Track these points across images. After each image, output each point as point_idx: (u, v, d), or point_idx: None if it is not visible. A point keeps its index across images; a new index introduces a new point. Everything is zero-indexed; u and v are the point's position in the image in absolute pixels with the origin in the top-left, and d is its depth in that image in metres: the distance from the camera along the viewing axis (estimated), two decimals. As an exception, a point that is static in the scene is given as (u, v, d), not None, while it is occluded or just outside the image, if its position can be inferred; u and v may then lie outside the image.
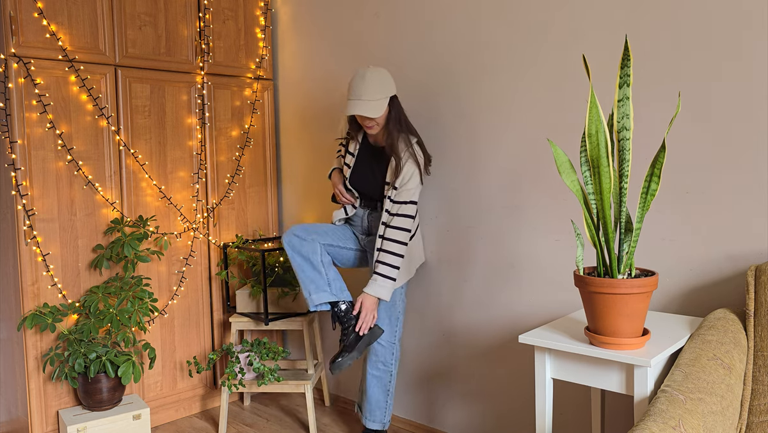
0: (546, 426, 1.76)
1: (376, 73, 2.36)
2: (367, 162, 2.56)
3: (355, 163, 2.59)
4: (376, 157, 2.54)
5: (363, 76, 2.35)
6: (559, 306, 2.30)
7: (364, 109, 2.32)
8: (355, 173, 2.59)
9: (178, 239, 2.99)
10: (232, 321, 2.97)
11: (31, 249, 2.55)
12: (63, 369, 2.55)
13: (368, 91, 2.32)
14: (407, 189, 2.40)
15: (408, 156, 2.40)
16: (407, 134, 2.44)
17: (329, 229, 2.58)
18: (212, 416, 3.09)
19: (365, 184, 2.57)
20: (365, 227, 2.63)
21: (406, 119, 2.46)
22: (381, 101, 2.34)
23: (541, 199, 2.32)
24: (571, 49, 2.20)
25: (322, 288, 2.42)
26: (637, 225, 1.60)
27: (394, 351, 2.56)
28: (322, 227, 2.56)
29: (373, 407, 2.58)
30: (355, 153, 2.60)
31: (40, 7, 2.52)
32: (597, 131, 1.54)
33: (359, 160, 2.58)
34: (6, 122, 2.50)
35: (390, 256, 2.38)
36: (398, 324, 2.57)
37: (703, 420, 1.31)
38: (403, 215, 2.40)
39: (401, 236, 2.39)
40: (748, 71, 1.83)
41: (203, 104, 3.05)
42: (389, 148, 2.42)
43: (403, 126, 2.44)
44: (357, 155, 2.59)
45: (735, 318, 1.73)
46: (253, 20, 3.24)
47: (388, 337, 2.54)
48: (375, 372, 2.56)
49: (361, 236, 2.64)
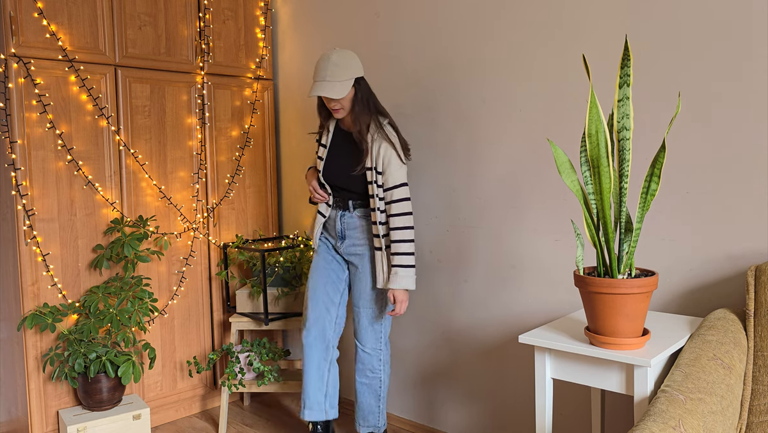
0: (546, 426, 1.76)
1: (341, 54, 2.30)
2: (340, 152, 2.46)
3: (327, 155, 2.48)
4: (349, 145, 2.44)
5: (328, 58, 2.29)
6: (559, 306, 2.30)
7: (328, 90, 2.25)
8: (328, 165, 2.48)
9: (178, 239, 2.99)
10: (232, 321, 2.97)
11: (31, 249, 2.55)
12: (63, 369, 2.55)
13: (333, 72, 2.27)
14: (392, 173, 2.32)
15: (380, 138, 2.33)
16: (377, 116, 2.37)
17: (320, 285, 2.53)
18: (212, 416, 3.09)
19: (340, 176, 2.44)
20: (339, 231, 2.50)
21: (375, 101, 2.39)
22: (345, 83, 2.28)
23: (541, 199, 2.32)
24: (571, 49, 2.20)
25: (317, 400, 2.54)
26: (637, 225, 1.60)
27: (381, 357, 2.50)
28: (317, 294, 2.53)
29: (365, 414, 2.55)
30: (327, 144, 2.49)
31: (40, 7, 2.52)
32: (597, 131, 1.54)
33: (332, 151, 2.48)
34: (6, 122, 2.50)
35: (402, 244, 2.32)
36: (383, 328, 2.50)
37: (703, 420, 1.31)
38: (399, 200, 2.33)
39: (406, 221, 2.33)
40: (748, 71, 1.83)
41: (203, 104, 3.05)
42: (358, 133, 2.35)
43: (371, 108, 2.37)
44: (329, 146, 2.49)
45: (735, 318, 1.73)
46: (253, 20, 3.24)
47: (373, 344, 2.49)
48: (364, 380, 2.52)
49: (338, 243, 2.51)
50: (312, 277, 2.57)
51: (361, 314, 2.49)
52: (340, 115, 2.38)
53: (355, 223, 2.46)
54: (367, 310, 2.48)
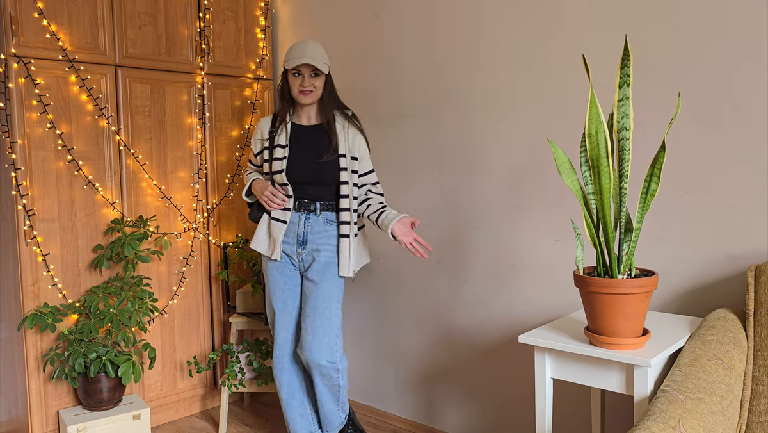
0: (546, 426, 1.76)
1: (317, 42, 2.35)
2: (302, 148, 2.37)
3: (290, 152, 2.36)
4: (309, 139, 2.38)
5: (305, 41, 2.31)
6: (559, 306, 2.30)
7: (313, 61, 2.25)
8: (294, 162, 2.35)
9: (178, 239, 2.99)
10: (232, 321, 2.97)
11: (31, 249, 2.55)
12: (63, 369, 2.56)
13: (315, 51, 2.29)
14: (366, 159, 2.40)
15: (352, 126, 2.37)
16: (342, 108, 2.42)
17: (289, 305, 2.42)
18: (212, 416, 3.09)
19: (308, 169, 2.35)
20: (301, 235, 2.38)
21: (337, 96, 2.43)
22: (326, 64, 2.31)
23: (541, 199, 2.32)
24: (571, 49, 2.20)
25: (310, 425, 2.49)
26: (637, 225, 1.60)
27: (339, 367, 2.38)
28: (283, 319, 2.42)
29: (329, 419, 2.47)
30: (286, 142, 2.37)
31: (40, 7, 2.53)
32: (597, 131, 1.54)
33: (294, 147, 2.37)
34: (6, 122, 2.50)
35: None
36: (338, 340, 2.38)
37: (703, 420, 1.31)
38: (376, 183, 2.43)
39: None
40: (748, 71, 1.83)
41: (203, 104, 3.05)
42: (327, 122, 2.35)
43: (336, 99, 2.41)
44: (290, 142, 2.38)
45: (735, 318, 1.73)
46: (253, 20, 3.24)
47: (329, 357, 2.33)
48: (323, 388, 2.41)
49: (298, 249, 2.39)
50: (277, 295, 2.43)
51: (317, 333, 2.34)
52: (310, 99, 2.33)
53: (319, 226, 2.37)
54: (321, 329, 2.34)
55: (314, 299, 2.36)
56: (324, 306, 2.35)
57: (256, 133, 2.48)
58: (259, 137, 2.46)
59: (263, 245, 2.43)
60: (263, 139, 2.44)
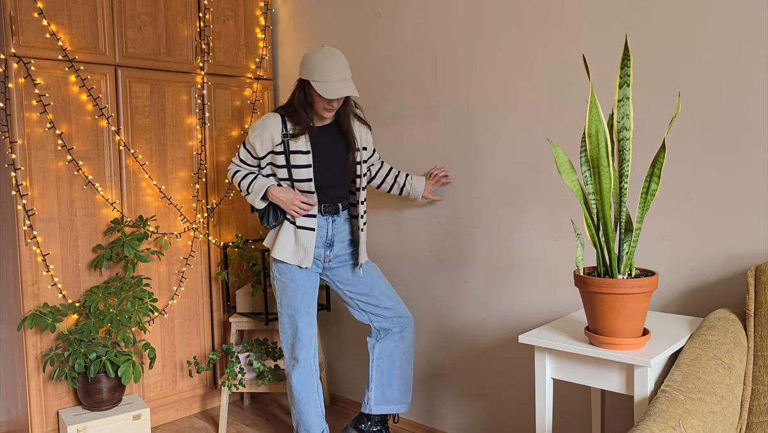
0: (546, 426, 1.76)
1: (342, 56, 2.27)
2: (324, 152, 2.34)
3: (314, 159, 2.32)
4: (328, 141, 2.35)
5: (333, 55, 2.22)
6: (559, 306, 2.30)
7: (352, 89, 2.21)
8: (320, 168, 2.32)
9: (178, 239, 2.99)
10: (232, 321, 2.97)
11: (31, 249, 2.55)
12: (63, 369, 2.55)
13: (346, 69, 2.23)
14: (372, 145, 2.51)
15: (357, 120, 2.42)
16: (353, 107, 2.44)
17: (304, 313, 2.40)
18: (212, 416, 3.09)
19: (333, 174, 2.35)
20: (329, 238, 2.40)
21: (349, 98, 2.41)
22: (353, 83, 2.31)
23: (540, 199, 2.32)
24: (571, 49, 2.20)
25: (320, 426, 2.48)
26: (637, 225, 1.60)
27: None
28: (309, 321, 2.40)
29: (407, 387, 2.55)
30: (308, 148, 2.30)
31: (40, 7, 2.52)
32: (597, 131, 1.54)
33: (316, 152, 2.32)
34: (6, 122, 2.50)
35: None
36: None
37: (703, 420, 1.31)
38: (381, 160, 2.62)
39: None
40: (748, 71, 1.83)
41: (203, 104, 3.05)
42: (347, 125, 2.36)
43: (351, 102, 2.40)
44: (313, 149, 2.32)
45: (735, 318, 1.73)
46: (253, 20, 3.24)
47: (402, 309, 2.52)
48: (407, 348, 2.52)
49: (326, 251, 2.40)
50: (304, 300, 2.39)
51: (384, 288, 2.49)
52: (332, 114, 2.31)
53: (342, 226, 2.45)
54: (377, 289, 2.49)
55: (364, 277, 2.48)
56: (378, 275, 2.52)
57: (263, 135, 2.30)
58: (269, 142, 2.31)
59: (289, 254, 2.35)
60: (275, 145, 2.31)
